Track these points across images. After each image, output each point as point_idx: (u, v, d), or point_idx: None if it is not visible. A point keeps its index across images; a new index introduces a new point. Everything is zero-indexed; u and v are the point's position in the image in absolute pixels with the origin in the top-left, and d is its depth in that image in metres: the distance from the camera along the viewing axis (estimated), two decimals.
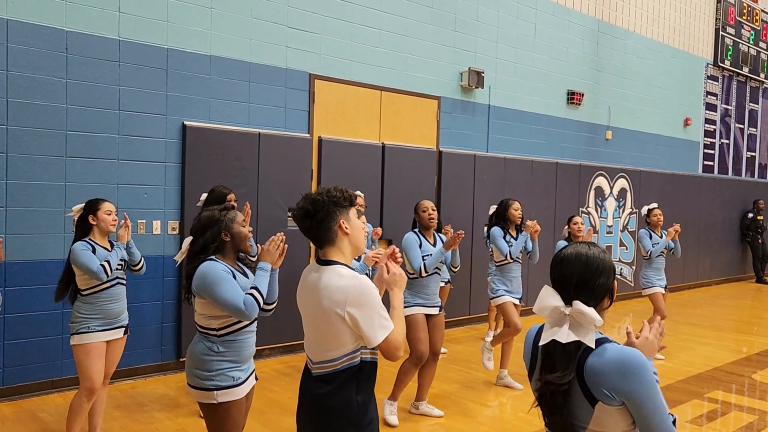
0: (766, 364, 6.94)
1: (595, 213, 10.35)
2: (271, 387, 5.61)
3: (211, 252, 2.98)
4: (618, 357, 1.75)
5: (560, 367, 1.80)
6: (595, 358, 1.77)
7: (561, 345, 1.81)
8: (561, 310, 1.83)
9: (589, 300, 1.83)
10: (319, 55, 6.89)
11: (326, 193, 2.36)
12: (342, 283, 2.25)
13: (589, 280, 1.85)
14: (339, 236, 2.37)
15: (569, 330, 1.80)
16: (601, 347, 1.79)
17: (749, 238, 13.75)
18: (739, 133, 14.03)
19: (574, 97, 9.83)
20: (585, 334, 1.79)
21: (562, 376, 1.79)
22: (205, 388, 2.90)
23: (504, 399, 5.57)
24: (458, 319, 8.25)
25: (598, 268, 1.87)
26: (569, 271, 1.87)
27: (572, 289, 1.85)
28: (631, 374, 1.72)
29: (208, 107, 6.11)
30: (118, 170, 5.60)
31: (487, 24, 8.64)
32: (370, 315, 2.22)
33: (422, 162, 7.86)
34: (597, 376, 1.75)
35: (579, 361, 1.79)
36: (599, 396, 1.75)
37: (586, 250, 1.90)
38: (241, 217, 3.08)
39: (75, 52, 5.33)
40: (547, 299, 1.86)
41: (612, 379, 1.73)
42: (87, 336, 3.93)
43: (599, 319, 1.78)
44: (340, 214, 2.36)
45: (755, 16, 13.98)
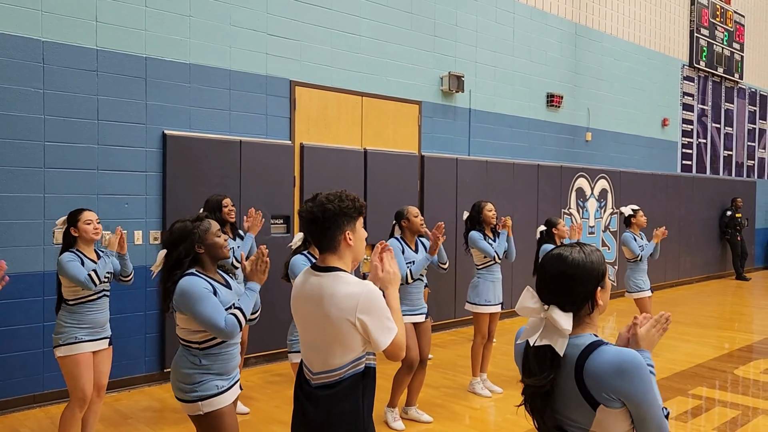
0: (748, 360, 7.03)
1: (577, 214, 10.43)
2: (256, 396, 5.57)
3: (186, 266, 2.92)
4: (615, 359, 1.73)
5: (537, 371, 1.80)
6: (593, 362, 1.75)
7: (536, 348, 1.80)
8: (538, 313, 1.82)
9: (566, 305, 1.80)
10: (299, 61, 6.89)
11: (338, 200, 2.32)
12: (350, 290, 2.23)
13: (566, 284, 1.82)
14: (342, 246, 2.34)
15: (541, 334, 1.79)
16: (598, 349, 1.76)
17: (728, 236, 13.94)
18: (715, 132, 14.25)
19: (553, 99, 9.92)
20: (555, 340, 1.77)
21: (539, 380, 1.78)
22: (189, 400, 2.88)
23: (489, 402, 5.58)
24: (443, 323, 8.27)
25: (579, 272, 1.83)
26: (548, 273, 1.86)
27: (549, 293, 1.83)
28: (629, 375, 1.70)
29: (188, 116, 6.07)
30: (98, 180, 5.54)
31: (466, 28, 8.70)
32: (378, 320, 2.20)
33: (404, 167, 7.88)
34: (596, 379, 1.73)
35: (577, 364, 1.76)
36: (600, 399, 1.73)
37: (569, 252, 1.85)
38: (215, 227, 3.02)
39: (52, 62, 5.28)
40: (525, 300, 1.85)
41: (611, 381, 1.71)
42: (75, 347, 3.89)
43: (568, 327, 1.76)
44: (347, 225, 2.33)
45: (728, 17, 14.23)
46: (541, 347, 1.79)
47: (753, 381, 6.22)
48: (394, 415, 4.88)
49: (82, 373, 3.89)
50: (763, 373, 6.50)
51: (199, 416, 2.88)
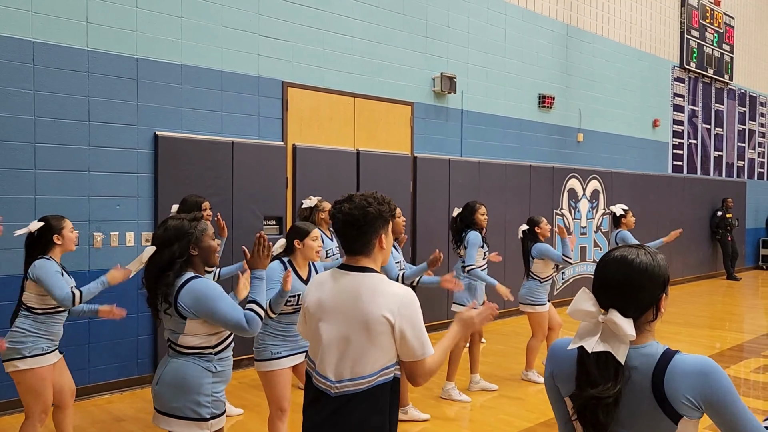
0: (739, 359, 7.08)
1: (568, 214, 10.47)
2: (250, 398, 5.56)
3: (178, 267, 2.72)
4: (697, 363, 1.63)
5: (600, 379, 1.64)
6: (676, 368, 1.62)
7: (599, 356, 1.65)
8: (595, 317, 1.67)
9: (628, 311, 1.66)
10: (291, 62, 6.89)
11: (377, 203, 2.26)
12: (393, 290, 2.18)
13: (631, 288, 1.69)
14: (376, 250, 2.28)
15: (599, 339, 1.65)
16: (676, 358, 1.65)
17: (719, 236, 14.02)
18: (706, 133, 14.34)
19: (545, 100, 9.95)
20: (617, 347, 1.63)
21: (605, 389, 1.62)
22: (201, 418, 2.67)
23: (483, 401, 5.59)
24: (435, 324, 8.27)
25: (644, 277, 1.70)
26: (611, 276, 1.71)
27: (611, 296, 1.69)
28: (710, 378, 1.60)
29: (180, 117, 6.06)
30: (90, 182, 5.52)
31: (458, 30, 8.72)
32: (419, 326, 2.15)
33: (397, 168, 7.88)
34: (678, 384, 1.60)
35: (655, 374, 1.63)
36: (682, 409, 1.60)
37: (634, 255, 1.72)
38: (211, 230, 2.88)
39: (42, 63, 5.25)
40: (581, 303, 1.70)
41: (692, 386, 1.60)
42: (42, 359, 3.69)
43: (632, 333, 1.63)
44: (382, 228, 2.27)
45: (718, 19, 14.33)
46: (602, 355, 1.64)
47: (744, 380, 6.26)
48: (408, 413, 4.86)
49: (47, 386, 3.74)
50: (754, 372, 6.54)
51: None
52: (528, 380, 6.10)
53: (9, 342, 3.68)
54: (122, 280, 3.82)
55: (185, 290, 2.67)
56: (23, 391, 3.73)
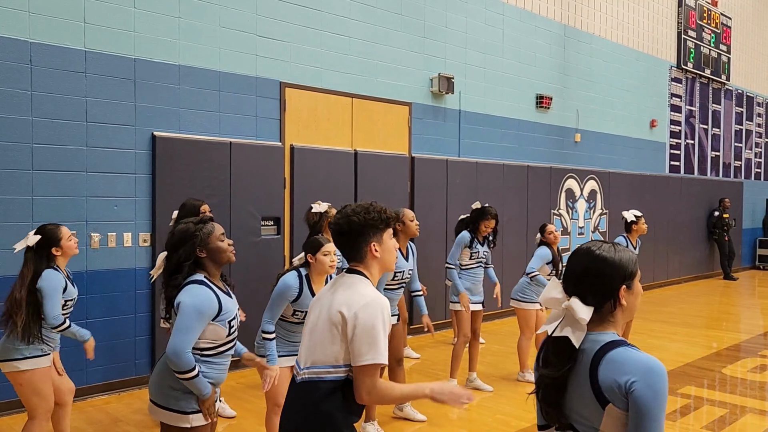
0: (736, 359, 7.10)
1: (566, 215, 10.49)
2: (247, 398, 5.56)
3: (186, 270, 2.77)
4: (647, 360, 1.69)
5: (553, 361, 1.78)
6: (612, 360, 1.70)
7: (555, 339, 1.78)
8: (560, 304, 1.81)
9: (587, 298, 1.78)
10: (289, 63, 6.89)
11: (364, 212, 2.34)
12: (362, 291, 2.24)
13: (590, 277, 1.81)
14: (368, 257, 2.35)
15: (561, 325, 1.78)
16: (620, 348, 1.72)
17: (716, 236, 14.05)
18: (703, 133, 14.37)
19: (543, 100, 9.97)
20: (572, 332, 1.75)
21: (554, 371, 1.76)
22: (180, 411, 2.72)
23: (479, 401, 5.60)
24: (434, 324, 8.27)
25: (602, 267, 1.80)
26: (574, 265, 1.85)
27: (573, 285, 1.82)
28: (649, 374, 1.65)
29: (177, 117, 6.05)
30: (87, 183, 5.51)
31: (455, 30, 8.73)
32: (373, 331, 2.15)
33: (395, 168, 7.89)
34: (612, 377, 1.67)
35: (594, 358, 1.72)
36: (612, 398, 1.68)
37: (597, 247, 1.85)
38: (219, 231, 2.88)
39: (40, 64, 5.25)
40: (550, 291, 1.85)
41: (627, 372, 1.66)
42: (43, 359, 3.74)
43: (584, 317, 1.74)
44: (372, 236, 2.34)
45: (715, 19, 14.35)
46: (560, 339, 1.77)
47: (741, 380, 6.28)
48: (375, 427, 4.73)
49: (49, 386, 3.78)
50: (751, 371, 6.56)
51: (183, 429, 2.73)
52: (524, 381, 6.10)
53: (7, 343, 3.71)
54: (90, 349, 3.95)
55: (182, 290, 2.75)
56: (24, 391, 3.73)
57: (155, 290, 5.85)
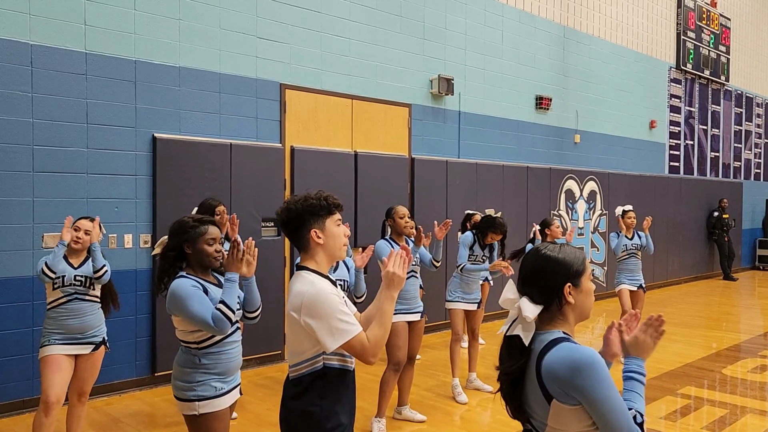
0: (736, 359, 7.10)
1: (566, 215, 10.50)
2: (248, 399, 5.56)
3: (171, 260, 2.96)
4: (569, 355, 1.75)
5: (506, 358, 1.88)
6: (551, 356, 1.78)
7: (508, 338, 1.88)
8: (514, 304, 1.88)
9: (535, 297, 1.86)
10: (289, 64, 6.90)
11: (303, 200, 2.34)
12: (300, 289, 2.25)
13: (537, 277, 1.88)
14: (311, 244, 2.34)
15: (514, 323, 1.86)
16: (559, 345, 1.79)
17: (716, 237, 14.06)
18: (702, 134, 14.38)
19: (542, 102, 9.98)
20: (522, 330, 1.83)
21: (507, 367, 1.85)
22: (187, 399, 2.87)
23: (480, 402, 5.61)
24: (434, 325, 8.29)
25: (546, 266, 1.87)
26: (524, 265, 1.94)
27: (523, 286, 1.90)
28: (582, 373, 1.70)
29: (178, 119, 6.07)
30: (88, 184, 5.52)
31: (455, 32, 8.74)
32: (325, 321, 2.17)
33: (395, 169, 7.90)
34: (550, 373, 1.76)
35: (539, 357, 1.80)
36: (554, 393, 1.76)
37: (544, 247, 1.93)
38: (210, 235, 2.98)
39: (40, 66, 5.26)
40: (506, 292, 1.92)
41: (563, 376, 1.73)
42: (47, 348, 3.93)
43: (529, 315, 1.81)
44: (313, 223, 2.33)
45: (714, 20, 14.37)
46: (513, 337, 1.86)
47: (741, 380, 6.29)
48: (380, 426, 4.74)
49: (47, 375, 3.87)
50: (751, 372, 6.57)
51: (194, 416, 2.87)
52: None
53: None
54: None
55: (170, 288, 2.88)
56: None
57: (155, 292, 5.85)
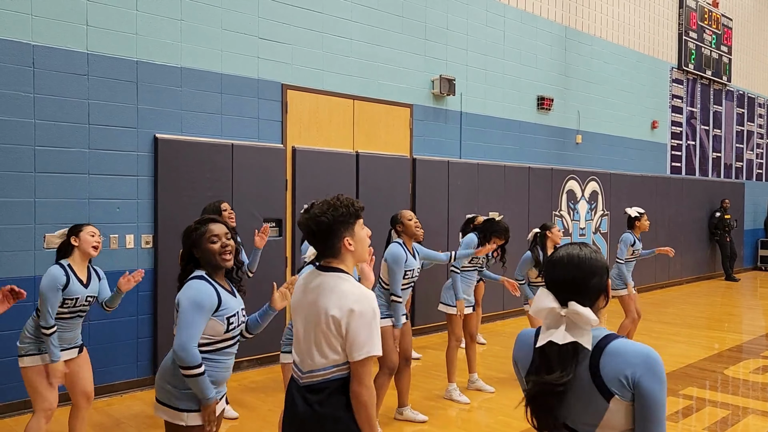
0: (738, 360, 7.09)
1: (567, 216, 10.49)
2: (248, 399, 5.56)
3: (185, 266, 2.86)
4: (641, 347, 1.75)
5: (558, 367, 1.78)
6: (613, 352, 1.75)
7: (558, 346, 1.79)
8: (557, 312, 1.81)
9: (584, 300, 1.82)
10: (290, 65, 6.90)
11: (332, 211, 2.31)
12: (348, 289, 2.26)
13: (582, 281, 1.84)
14: (343, 251, 2.35)
15: (566, 331, 1.79)
16: (618, 339, 1.78)
17: (717, 237, 14.04)
18: (704, 134, 14.36)
19: (543, 102, 9.97)
20: (581, 335, 1.77)
21: (561, 376, 1.77)
22: (175, 407, 2.73)
23: (481, 402, 5.60)
24: (434, 325, 8.28)
25: (590, 268, 1.86)
26: (562, 273, 1.86)
27: (567, 291, 1.84)
28: (650, 366, 1.72)
29: (179, 119, 6.07)
30: (89, 185, 5.53)
31: (456, 32, 8.74)
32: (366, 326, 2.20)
33: (396, 170, 7.90)
34: (618, 369, 1.72)
35: (594, 353, 1.76)
36: (617, 390, 1.72)
37: (577, 251, 1.89)
38: (211, 233, 2.83)
39: (42, 66, 5.26)
40: (542, 301, 1.85)
41: (631, 365, 1.71)
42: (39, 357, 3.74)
43: (595, 318, 1.77)
44: (345, 231, 2.33)
45: (716, 20, 14.36)
46: (565, 344, 1.78)
47: (743, 381, 6.28)
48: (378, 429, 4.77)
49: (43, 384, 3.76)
50: (753, 372, 6.56)
51: (178, 426, 2.73)
52: None
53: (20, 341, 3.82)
54: None
55: (183, 287, 2.79)
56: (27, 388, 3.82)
57: (157, 292, 5.86)
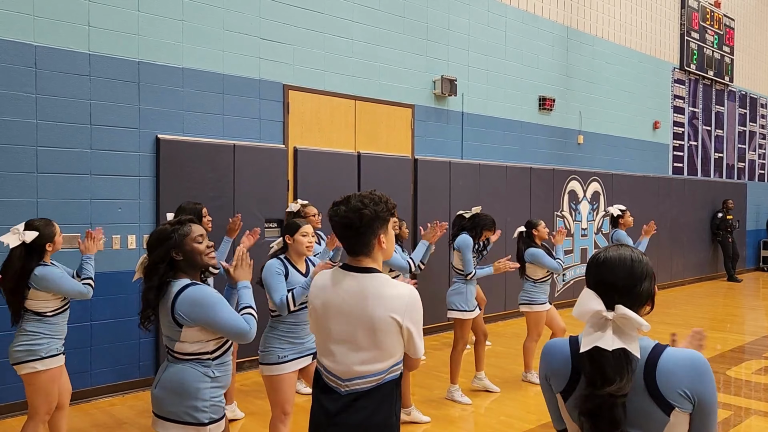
0: (740, 361, 7.08)
1: (569, 216, 10.48)
2: (252, 400, 5.56)
3: (162, 272, 2.66)
4: (689, 357, 1.70)
5: (615, 377, 1.66)
6: (667, 360, 1.69)
7: (610, 353, 1.67)
8: (603, 315, 1.71)
9: (632, 305, 1.74)
10: (292, 65, 6.90)
11: (373, 204, 2.26)
12: (398, 292, 2.22)
13: (633, 284, 1.77)
14: (376, 249, 2.30)
15: (613, 336, 1.68)
16: (666, 350, 1.72)
17: (720, 238, 14.02)
18: (706, 134, 14.35)
19: (545, 102, 9.97)
20: (629, 341, 1.68)
21: (621, 387, 1.66)
22: (199, 423, 2.61)
23: (485, 402, 5.60)
24: (436, 326, 8.28)
25: (642, 272, 1.79)
26: (613, 275, 1.78)
27: (616, 294, 1.75)
28: (704, 375, 1.69)
29: (181, 120, 6.07)
30: (91, 185, 5.53)
31: (458, 32, 8.74)
32: (420, 326, 2.25)
33: (398, 170, 7.90)
34: (672, 376, 1.67)
35: (648, 365, 1.69)
36: (674, 400, 1.66)
37: (630, 253, 1.81)
38: (196, 232, 2.73)
39: (44, 67, 5.27)
40: (588, 303, 1.75)
41: (687, 378, 1.67)
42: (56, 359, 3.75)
43: (646, 323, 1.69)
44: (380, 228, 2.29)
45: (718, 20, 14.34)
46: (616, 351, 1.67)
47: (745, 381, 6.26)
48: None
49: (56, 387, 3.78)
50: (755, 373, 6.54)
51: None
52: (528, 381, 6.11)
53: (22, 345, 3.69)
54: None
55: (182, 297, 2.61)
56: (34, 391, 3.72)
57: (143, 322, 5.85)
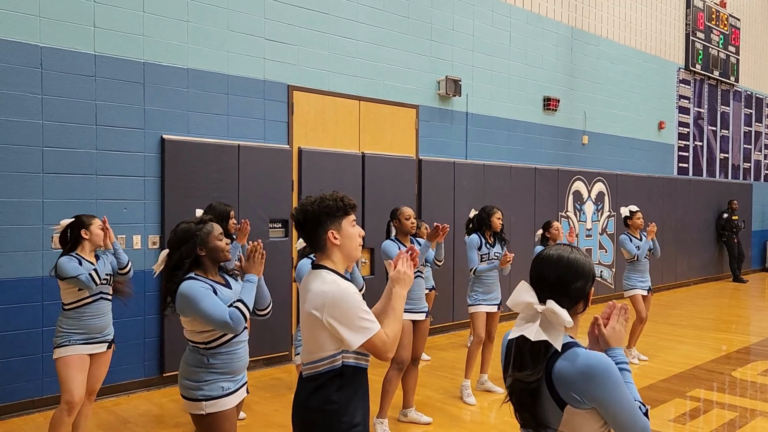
0: (746, 362, 7.06)
1: (574, 217, 10.46)
2: (255, 399, 5.57)
3: (187, 267, 2.97)
4: (584, 363, 1.76)
5: (528, 365, 1.81)
6: (563, 363, 1.78)
7: (530, 343, 1.81)
8: (534, 308, 1.83)
9: (564, 302, 1.84)
10: (296, 66, 6.92)
11: (319, 201, 2.38)
12: (322, 288, 2.29)
13: (566, 282, 1.87)
14: (328, 245, 2.38)
15: (539, 328, 1.80)
16: (569, 351, 1.79)
17: (725, 238, 13.98)
18: (712, 135, 14.30)
19: (550, 103, 9.96)
20: (554, 335, 1.78)
21: (530, 374, 1.80)
22: (194, 398, 2.89)
23: (488, 404, 5.59)
24: (441, 326, 8.28)
25: (577, 271, 1.88)
26: (548, 271, 1.89)
27: (548, 289, 1.86)
28: (598, 380, 1.74)
29: (186, 120, 6.09)
30: (97, 185, 5.55)
31: (462, 33, 8.74)
32: (348, 319, 2.23)
33: (402, 170, 7.90)
34: (564, 381, 1.76)
35: (548, 364, 1.79)
36: (568, 399, 1.77)
37: (568, 252, 1.92)
38: (218, 231, 3.06)
39: (50, 68, 5.29)
40: (521, 294, 1.86)
41: (579, 384, 1.75)
42: (67, 348, 3.93)
43: (570, 320, 1.78)
44: (330, 224, 2.37)
45: (723, 20, 14.30)
46: (536, 342, 1.80)
47: (750, 383, 6.24)
48: (384, 428, 4.72)
49: (70, 375, 3.90)
50: (761, 374, 6.52)
51: (200, 416, 2.89)
52: None
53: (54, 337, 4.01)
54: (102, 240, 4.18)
55: (178, 291, 2.89)
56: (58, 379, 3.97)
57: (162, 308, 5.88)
